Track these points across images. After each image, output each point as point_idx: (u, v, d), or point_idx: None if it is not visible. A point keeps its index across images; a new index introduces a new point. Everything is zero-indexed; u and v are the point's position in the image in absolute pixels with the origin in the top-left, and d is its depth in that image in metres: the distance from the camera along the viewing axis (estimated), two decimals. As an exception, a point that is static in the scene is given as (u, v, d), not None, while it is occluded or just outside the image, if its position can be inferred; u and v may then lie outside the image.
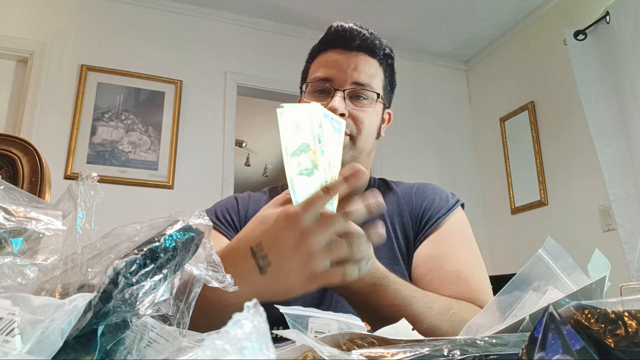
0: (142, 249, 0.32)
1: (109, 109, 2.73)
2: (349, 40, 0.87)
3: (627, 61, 2.42)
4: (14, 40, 2.62)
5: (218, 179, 2.85)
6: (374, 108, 0.88)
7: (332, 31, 0.90)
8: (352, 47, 0.87)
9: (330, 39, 0.90)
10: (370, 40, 0.88)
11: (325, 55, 0.90)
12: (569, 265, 0.42)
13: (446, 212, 0.86)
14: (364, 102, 0.87)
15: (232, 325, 0.18)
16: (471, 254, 0.84)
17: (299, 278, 0.50)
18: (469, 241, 0.86)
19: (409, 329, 0.41)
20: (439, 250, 0.82)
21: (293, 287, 0.51)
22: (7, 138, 0.99)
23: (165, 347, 0.35)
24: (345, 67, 0.86)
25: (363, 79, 0.86)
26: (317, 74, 0.88)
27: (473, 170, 3.57)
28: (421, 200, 0.88)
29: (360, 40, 0.87)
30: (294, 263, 0.49)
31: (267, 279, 0.51)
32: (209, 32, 3.08)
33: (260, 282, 0.51)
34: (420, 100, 3.56)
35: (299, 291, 0.52)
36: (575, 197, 2.76)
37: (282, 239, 0.50)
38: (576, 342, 0.24)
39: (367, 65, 0.88)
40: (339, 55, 0.88)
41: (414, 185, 0.94)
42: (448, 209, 0.87)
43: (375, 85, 0.88)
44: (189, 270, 0.38)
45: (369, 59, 0.89)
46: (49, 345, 0.26)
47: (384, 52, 0.90)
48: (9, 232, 0.36)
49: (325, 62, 0.89)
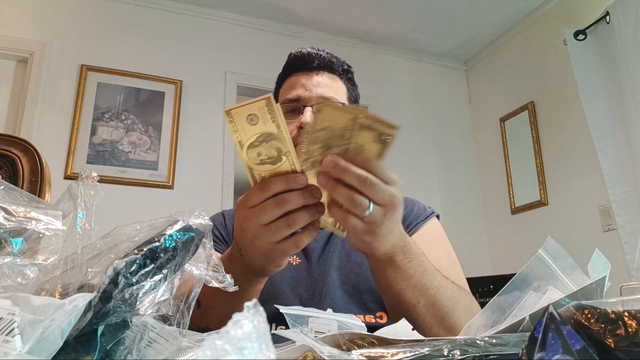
0: (142, 249, 0.32)
1: (109, 109, 2.73)
2: (309, 62, 0.97)
3: (627, 61, 2.42)
4: (14, 40, 2.62)
5: (218, 179, 2.85)
6: None
7: (292, 57, 1.00)
8: (312, 67, 0.97)
9: (292, 64, 1.00)
10: (328, 59, 0.98)
11: (290, 79, 0.99)
12: (569, 265, 0.42)
13: (424, 219, 0.94)
14: None
15: (232, 325, 0.18)
16: (448, 254, 0.91)
17: (261, 253, 0.59)
18: (446, 245, 0.94)
19: (409, 329, 0.41)
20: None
21: (262, 263, 0.61)
22: (7, 138, 0.99)
23: (165, 347, 0.35)
24: (310, 86, 0.94)
25: (327, 93, 0.94)
26: (286, 97, 0.96)
27: (473, 170, 3.57)
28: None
29: (319, 60, 0.97)
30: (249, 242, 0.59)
31: (246, 260, 0.62)
32: (209, 32, 3.08)
33: (242, 264, 0.62)
34: (420, 100, 3.56)
35: (270, 265, 0.61)
36: (575, 197, 2.76)
37: (238, 224, 0.60)
38: (576, 342, 0.24)
39: (329, 81, 0.96)
40: (302, 77, 0.97)
41: None
42: (425, 216, 0.95)
43: (340, 98, 0.96)
44: (189, 270, 0.38)
45: (330, 75, 0.98)
46: (49, 345, 0.26)
47: (342, 67, 0.99)
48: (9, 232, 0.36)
49: (291, 85, 0.97)
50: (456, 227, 3.16)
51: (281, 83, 1.02)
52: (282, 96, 0.98)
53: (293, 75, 0.98)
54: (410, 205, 0.96)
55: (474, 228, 3.38)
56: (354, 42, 3.42)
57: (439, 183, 3.41)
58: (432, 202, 0.87)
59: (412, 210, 0.95)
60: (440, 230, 0.96)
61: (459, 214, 3.33)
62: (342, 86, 0.99)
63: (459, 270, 0.89)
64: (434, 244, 0.89)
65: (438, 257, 0.84)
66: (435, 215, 0.98)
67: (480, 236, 3.39)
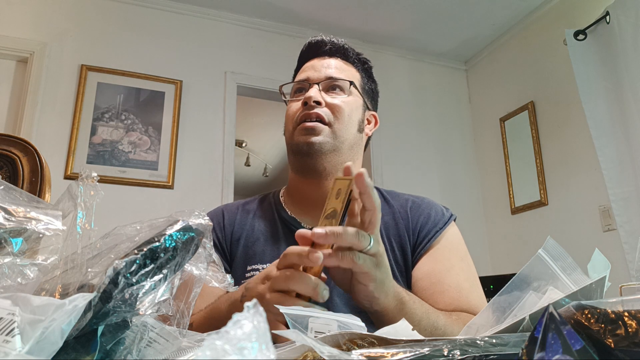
0: (142, 249, 0.32)
1: (109, 109, 2.73)
2: (321, 47, 0.97)
3: (627, 61, 2.42)
4: (14, 40, 2.62)
5: (218, 179, 2.85)
6: (350, 97, 0.93)
7: (307, 46, 0.99)
8: (324, 51, 0.96)
9: (307, 52, 0.99)
10: (342, 46, 0.97)
11: (304, 66, 0.98)
12: (569, 265, 0.42)
13: (442, 226, 0.89)
14: (340, 92, 0.92)
15: (232, 325, 0.18)
16: (469, 269, 0.88)
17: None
18: (465, 256, 0.90)
19: (409, 329, 0.41)
20: (440, 266, 0.84)
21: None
22: (7, 138, 0.99)
23: (165, 347, 0.35)
24: (320, 67, 0.94)
25: (336, 74, 0.93)
26: (297, 79, 0.96)
27: (473, 170, 3.56)
28: (417, 215, 0.91)
29: (331, 45, 0.96)
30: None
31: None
32: (209, 32, 3.08)
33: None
34: (420, 100, 3.56)
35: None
36: (575, 197, 2.76)
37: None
38: (576, 342, 0.24)
39: (340, 64, 0.95)
40: (316, 61, 0.96)
41: (409, 199, 0.96)
42: (444, 222, 0.90)
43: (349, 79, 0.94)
44: (189, 270, 0.38)
45: (343, 61, 0.97)
46: (49, 345, 0.26)
47: (357, 57, 0.99)
48: (9, 232, 0.36)
49: (303, 69, 0.97)
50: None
51: (297, 72, 1.02)
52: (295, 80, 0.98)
53: (307, 62, 0.98)
54: (427, 210, 0.92)
55: (474, 228, 3.38)
56: (354, 42, 3.41)
57: (439, 183, 3.41)
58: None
59: (429, 217, 0.90)
60: (459, 238, 0.92)
61: (459, 214, 3.29)
62: (355, 73, 0.97)
63: (478, 287, 0.86)
64: (453, 259, 0.86)
65: (458, 277, 0.83)
66: (454, 218, 0.94)
67: (480, 236, 3.39)
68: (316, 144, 0.86)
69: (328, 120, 0.88)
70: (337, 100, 0.90)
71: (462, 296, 0.80)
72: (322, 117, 0.87)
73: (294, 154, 0.90)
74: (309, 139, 0.86)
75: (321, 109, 0.88)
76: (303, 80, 0.93)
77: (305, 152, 0.87)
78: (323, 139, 0.87)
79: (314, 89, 0.89)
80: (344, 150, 0.90)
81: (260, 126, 4.70)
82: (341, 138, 0.89)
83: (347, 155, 0.91)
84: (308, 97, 0.87)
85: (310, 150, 0.86)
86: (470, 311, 0.78)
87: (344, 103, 0.90)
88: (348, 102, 0.91)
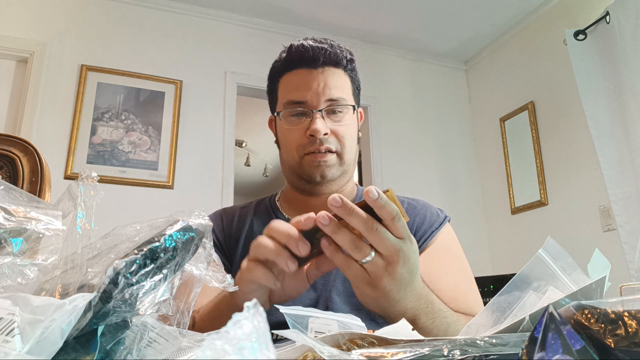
0: (142, 249, 0.32)
1: (109, 109, 2.73)
2: (314, 59, 0.88)
3: (627, 61, 2.42)
4: (14, 40, 2.62)
5: (218, 179, 2.85)
6: (351, 119, 0.91)
7: (294, 51, 0.90)
8: (317, 65, 0.88)
9: (294, 59, 0.90)
10: (333, 53, 0.89)
11: (291, 76, 0.91)
12: (569, 265, 0.42)
13: (438, 227, 0.90)
14: (341, 116, 0.89)
15: (232, 325, 0.18)
16: (464, 269, 0.88)
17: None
18: (461, 256, 0.90)
19: (409, 328, 0.41)
20: (436, 266, 0.84)
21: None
22: (7, 138, 0.99)
23: (165, 347, 0.35)
24: (317, 87, 0.87)
25: (335, 94, 0.87)
26: (290, 98, 0.89)
27: (473, 170, 3.57)
28: (413, 216, 0.91)
29: (324, 57, 0.88)
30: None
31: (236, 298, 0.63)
32: (209, 32, 3.08)
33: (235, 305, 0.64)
34: (420, 100, 3.56)
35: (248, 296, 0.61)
36: (575, 197, 2.76)
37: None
38: (576, 342, 0.24)
39: (335, 79, 0.89)
40: (306, 75, 0.88)
41: (404, 201, 0.96)
42: (439, 223, 0.91)
43: (347, 96, 0.90)
44: (189, 270, 0.38)
45: (335, 71, 0.90)
46: (49, 345, 0.26)
47: (346, 59, 0.92)
48: (9, 232, 0.36)
49: (294, 84, 0.89)
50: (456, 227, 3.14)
51: (278, 77, 0.94)
52: (284, 95, 0.91)
53: (294, 70, 0.90)
54: (423, 210, 0.93)
55: (474, 228, 3.38)
56: (354, 42, 3.42)
57: (439, 183, 3.41)
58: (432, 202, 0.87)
59: (425, 218, 0.91)
60: (453, 239, 0.93)
61: (459, 214, 3.32)
62: (347, 82, 0.92)
63: (474, 288, 0.86)
64: (449, 259, 0.87)
65: (455, 276, 0.84)
66: (448, 219, 0.94)
67: (480, 236, 3.39)
68: (329, 175, 0.87)
69: (335, 149, 0.88)
70: (342, 126, 0.88)
71: (459, 295, 0.81)
72: (330, 148, 0.87)
73: (301, 179, 0.90)
74: (323, 172, 0.87)
75: (328, 140, 0.87)
76: (300, 104, 0.88)
77: (317, 182, 0.88)
78: (335, 169, 0.88)
79: (319, 121, 0.85)
80: (350, 169, 0.92)
81: (260, 126, 4.69)
82: (348, 161, 0.90)
83: (351, 170, 0.93)
84: (315, 130, 0.84)
85: (322, 181, 0.88)
86: (467, 310, 0.78)
87: (347, 127, 0.89)
88: (350, 125, 0.90)
